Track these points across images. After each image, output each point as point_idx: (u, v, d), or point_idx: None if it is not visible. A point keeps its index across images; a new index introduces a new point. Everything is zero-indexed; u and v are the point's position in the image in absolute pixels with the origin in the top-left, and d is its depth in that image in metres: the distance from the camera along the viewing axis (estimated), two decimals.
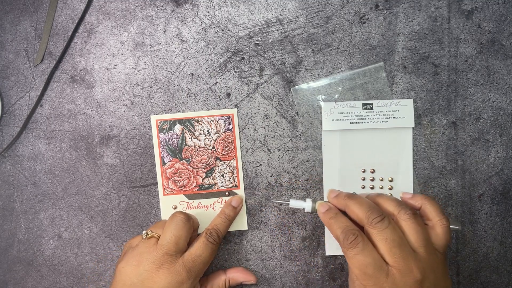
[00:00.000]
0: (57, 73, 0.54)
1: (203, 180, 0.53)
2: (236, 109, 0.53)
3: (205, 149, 0.53)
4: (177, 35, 0.54)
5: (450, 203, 0.53)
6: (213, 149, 0.53)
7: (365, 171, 0.53)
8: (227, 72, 0.54)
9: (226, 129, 0.53)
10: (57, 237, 0.54)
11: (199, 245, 0.47)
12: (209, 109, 0.53)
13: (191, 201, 0.54)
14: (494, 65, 0.53)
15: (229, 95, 0.54)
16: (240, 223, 0.53)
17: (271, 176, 0.54)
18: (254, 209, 0.54)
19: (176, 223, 0.47)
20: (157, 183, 0.54)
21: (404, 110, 0.52)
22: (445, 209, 0.53)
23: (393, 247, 0.42)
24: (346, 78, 0.53)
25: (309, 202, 0.49)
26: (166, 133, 0.53)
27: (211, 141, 0.53)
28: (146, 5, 0.54)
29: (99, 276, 0.54)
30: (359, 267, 0.42)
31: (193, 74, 0.54)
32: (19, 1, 0.54)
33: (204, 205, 0.54)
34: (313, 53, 0.53)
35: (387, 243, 0.42)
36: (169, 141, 0.53)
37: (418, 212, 0.48)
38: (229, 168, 0.53)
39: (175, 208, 0.53)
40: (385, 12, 0.53)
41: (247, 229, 0.54)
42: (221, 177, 0.53)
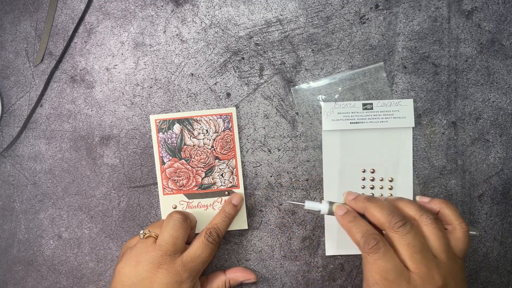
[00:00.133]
0: (57, 73, 0.54)
1: (202, 179, 0.53)
2: (235, 108, 0.53)
3: (204, 149, 0.53)
4: (177, 35, 0.54)
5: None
6: (212, 149, 0.53)
7: (365, 171, 0.53)
8: (227, 72, 0.54)
9: (225, 128, 0.53)
10: (57, 237, 0.54)
11: (199, 245, 0.47)
12: (209, 109, 0.53)
13: (191, 200, 0.53)
14: (494, 65, 0.53)
15: (229, 95, 0.54)
16: (240, 222, 0.53)
17: (271, 176, 0.54)
18: (254, 209, 0.54)
19: (173, 223, 0.47)
20: (157, 183, 0.54)
21: (404, 110, 0.52)
22: None
23: (415, 253, 0.41)
24: (346, 78, 0.53)
25: (325, 204, 0.47)
26: (165, 133, 0.53)
27: (210, 140, 0.53)
28: (146, 5, 0.54)
29: (99, 276, 0.54)
30: (380, 272, 0.41)
31: (193, 74, 0.54)
32: (19, 1, 0.54)
33: (203, 204, 0.54)
34: (313, 53, 0.53)
35: (409, 249, 0.41)
36: (168, 141, 0.53)
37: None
38: (229, 167, 0.53)
39: (175, 207, 0.53)
40: (385, 12, 0.53)
41: (247, 228, 0.54)
42: (221, 177, 0.53)
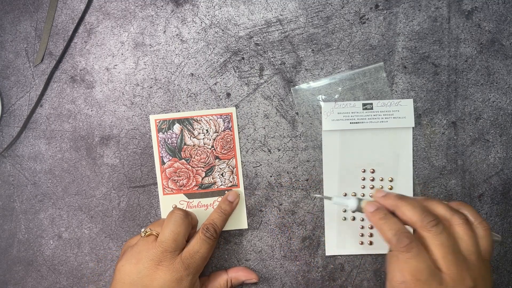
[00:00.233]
0: (57, 73, 0.54)
1: (202, 179, 0.53)
2: (235, 108, 0.53)
3: (204, 148, 0.53)
4: (177, 35, 0.54)
5: None
6: (212, 148, 0.53)
7: (365, 171, 0.53)
8: (227, 72, 0.54)
9: (225, 128, 0.53)
10: (57, 237, 0.54)
11: (197, 241, 0.47)
12: (209, 109, 0.53)
13: (191, 200, 0.53)
14: (494, 65, 0.53)
15: (229, 95, 0.54)
16: (240, 222, 0.53)
17: (271, 176, 0.54)
18: (254, 209, 0.54)
19: (174, 219, 0.47)
20: (157, 183, 0.54)
21: (404, 110, 0.52)
22: None
23: (448, 253, 0.40)
24: (346, 78, 0.53)
25: (354, 200, 0.46)
26: (165, 133, 0.53)
27: (210, 140, 0.53)
28: (146, 5, 0.54)
29: (99, 276, 0.54)
30: (412, 272, 0.40)
31: (193, 74, 0.54)
32: (19, 1, 0.54)
33: (204, 204, 0.54)
34: (313, 53, 0.53)
35: (442, 249, 0.40)
36: (168, 141, 0.53)
37: None
38: (229, 167, 0.53)
39: (175, 207, 0.53)
40: (385, 12, 0.53)
41: (247, 228, 0.54)
42: (221, 176, 0.53)
